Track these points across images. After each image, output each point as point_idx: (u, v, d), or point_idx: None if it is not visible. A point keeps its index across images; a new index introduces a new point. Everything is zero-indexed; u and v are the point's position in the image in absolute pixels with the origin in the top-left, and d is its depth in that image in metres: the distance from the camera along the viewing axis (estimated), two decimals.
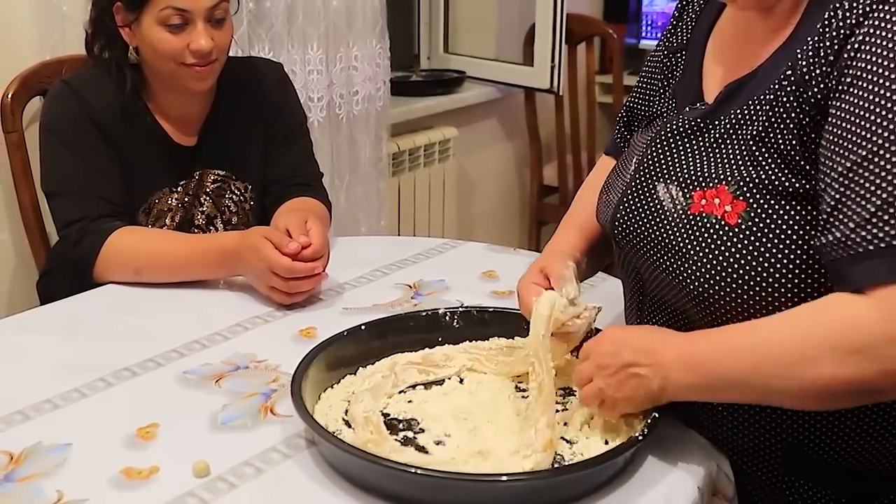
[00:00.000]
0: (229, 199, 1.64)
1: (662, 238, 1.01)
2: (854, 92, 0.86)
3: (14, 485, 0.94)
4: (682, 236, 0.98)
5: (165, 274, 1.44)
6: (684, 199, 0.99)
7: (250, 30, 2.11)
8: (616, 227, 1.09)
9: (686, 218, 0.98)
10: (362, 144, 2.45)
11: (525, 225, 3.37)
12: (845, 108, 0.87)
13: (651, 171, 1.05)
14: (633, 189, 1.07)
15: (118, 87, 1.52)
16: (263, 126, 1.65)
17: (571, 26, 2.94)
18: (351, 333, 1.15)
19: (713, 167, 0.98)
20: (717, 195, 0.96)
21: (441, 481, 0.88)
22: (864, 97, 0.85)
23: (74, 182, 1.49)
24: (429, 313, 1.21)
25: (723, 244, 0.94)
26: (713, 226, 0.95)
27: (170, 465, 0.97)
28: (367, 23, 2.37)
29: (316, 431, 0.94)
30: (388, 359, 1.15)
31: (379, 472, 0.90)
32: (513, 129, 3.24)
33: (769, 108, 0.94)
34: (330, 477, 0.95)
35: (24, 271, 1.85)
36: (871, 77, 0.85)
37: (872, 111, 0.84)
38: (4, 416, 1.06)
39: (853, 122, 0.86)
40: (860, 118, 0.85)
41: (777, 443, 1.00)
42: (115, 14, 1.49)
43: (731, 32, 1.08)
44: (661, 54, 1.18)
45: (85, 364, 1.18)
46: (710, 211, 0.96)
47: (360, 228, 2.50)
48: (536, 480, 0.90)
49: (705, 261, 0.95)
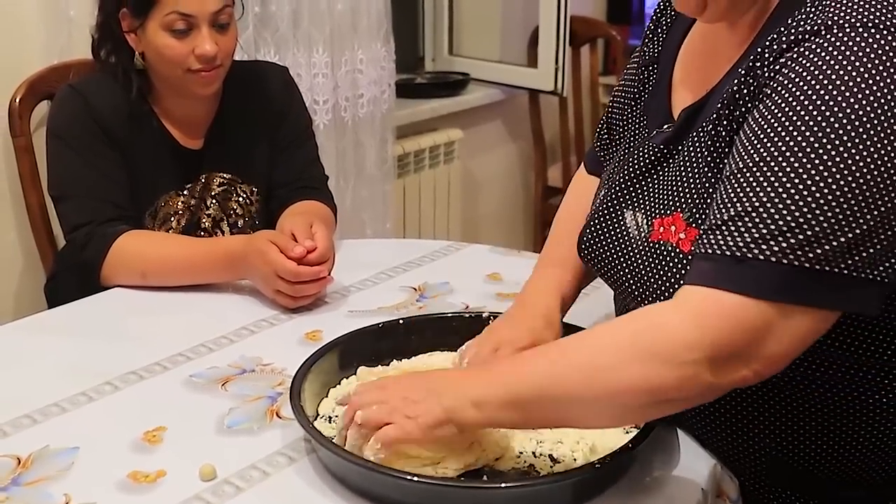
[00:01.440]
0: (235, 202, 1.64)
1: (627, 264, 1.01)
2: (761, 108, 0.85)
3: (22, 489, 0.95)
4: (643, 263, 0.98)
5: (172, 277, 1.44)
6: (647, 227, 1.00)
7: (256, 33, 2.11)
8: (582, 251, 1.09)
9: (647, 245, 0.99)
10: (367, 147, 2.46)
11: (529, 226, 3.37)
12: (750, 120, 0.86)
13: (619, 198, 1.05)
14: (602, 214, 1.07)
15: (124, 91, 1.52)
16: (269, 129, 1.66)
17: (575, 28, 2.94)
18: (387, 327, 1.17)
19: (672, 195, 0.98)
20: (673, 222, 0.96)
21: (440, 489, 0.88)
22: (765, 115, 0.84)
23: (81, 186, 1.49)
24: (473, 315, 1.21)
25: (678, 271, 0.93)
26: (669, 253, 0.95)
27: (176, 469, 0.97)
28: (371, 26, 2.38)
29: (314, 438, 0.94)
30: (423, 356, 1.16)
31: (377, 479, 0.89)
32: (517, 130, 3.25)
33: (712, 131, 0.93)
34: (336, 480, 0.95)
35: (32, 275, 1.86)
36: (779, 99, 0.83)
37: (765, 129, 0.83)
38: (12, 420, 1.07)
39: (749, 134, 0.85)
40: (756, 132, 0.84)
41: (761, 455, 1.00)
42: (121, 20, 1.50)
43: (699, 47, 1.06)
44: (636, 66, 1.15)
45: (92, 367, 1.19)
46: (667, 238, 0.96)
47: (366, 230, 2.51)
48: (538, 486, 0.90)
49: (663, 288, 0.95)
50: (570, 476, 0.91)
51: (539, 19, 2.90)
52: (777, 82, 0.85)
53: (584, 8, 3.23)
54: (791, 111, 0.82)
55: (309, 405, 1.02)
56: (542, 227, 3.29)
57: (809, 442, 0.97)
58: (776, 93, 0.84)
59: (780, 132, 0.82)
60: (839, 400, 0.95)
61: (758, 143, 0.83)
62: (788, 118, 0.82)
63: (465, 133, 2.94)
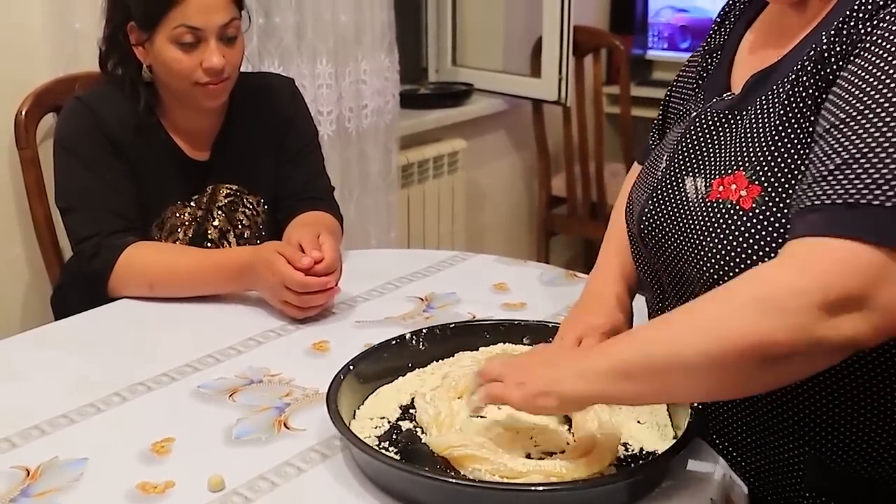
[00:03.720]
0: (242, 214, 1.65)
1: (684, 229, 1.00)
2: (858, 62, 0.86)
3: (31, 500, 0.95)
4: (700, 224, 0.97)
5: (179, 288, 1.45)
6: (705, 189, 0.99)
7: (260, 45, 2.12)
8: (643, 224, 1.08)
9: (704, 206, 0.98)
10: (372, 157, 2.47)
11: (534, 236, 3.37)
12: (846, 75, 0.87)
13: (680, 166, 1.05)
14: (663, 185, 1.06)
15: (132, 103, 1.53)
16: (276, 140, 1.66)
17: (578, 38, 2.95)
18: (430, 332, 1.17)
19: (734, 156, 0.98)
20: (734, 181, 0.95)
21: (476, 491, 0.88)
22: (866, 67, 0.85)
23: (88, 198, 1.50)
24: (508, 324, 1.20)
25: (736, 229, 0.93)
26: (728, 211, 0.94)
27: (185, 480, 0.97)
28: (375, 37, 2.39)
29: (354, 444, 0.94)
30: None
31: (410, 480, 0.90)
32: (521, 140, 3.25)
33: (790, 90, 0.94)
34: (345, 490, 0.95)
35: (38, 286, 1.87)
36: (880, 50, 0.84)
37: (868, 79, 0.84)
38: (20, 432, 1.07)
39: (847, 88, 0.85)
40: (854, 85, 0.85)
41: (799, 456, 0.98)
42: (129, 32, 1.50)
43: (766, 28, 1.08)
44: (699, 57, 1.17)
45: (100, 379, 1.19)
46: (727, 196, 0.95)
47: (370, 241, 2.51)
48: (576, 490, 0.89)
49: (720, 246, 0.94)
50: (609, 480, 0.92)
51: (542, 29, 2.90)
52: (876, 35, 0.85)
53: (587, 17, 3.24)
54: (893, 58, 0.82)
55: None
56: (546, 237, 3.30)
57: (856, 433, 0.95)
58: (876, 45, 0.85)
59: (885, 80, 0.82)
60: (886, 395, 0.93)
61: (860, 94, 0.83)
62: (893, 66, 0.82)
63: (469, 143, 2.94)
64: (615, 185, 3.12)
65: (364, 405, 1.08)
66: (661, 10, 3.52)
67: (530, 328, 1.19)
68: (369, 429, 1.03)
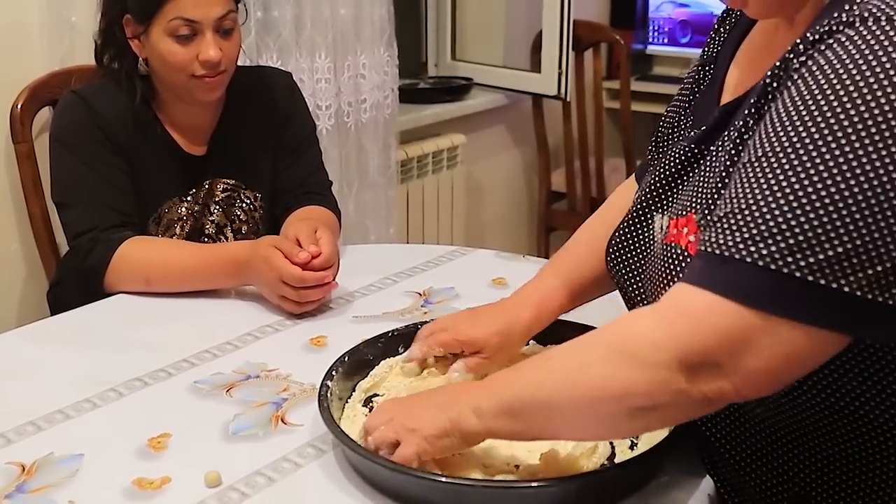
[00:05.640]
0: (239, 208, 1.64)
1: (644, 268, 0.98)
2: (777, 101, 0.79)
3: (26, 496, 0.94)
4: (657, 266, 0.94)
5: (176, 283, 1.44)
6: (664, 229, 0.96)
7: (258, 39, 2.11)
8: (608, 256, 1.06)
9: (662, 248, 0.95)
10: (370, 152, 2.46)
11: (534, 231, 3.37)
12: (769, 112, 0.79)
13: (649, 201, 1.01)
14: (631, 219, 1.03)
15: (128, 97, 1.52)
16: (273, 135, 1.65)
17: (578, 33, 2.94)
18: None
19: (691, 196, 0.93)
20: (686, 223, 0.91)
21: (464, 489, 0.88)
22: (780, 107, 0.77)
23: (85, 192, 1.49)
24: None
25: (680, 274, 0.88)
26: (677, 256, 0.90)
27: (182, 476, 0.97)
28: (374, 31, 2.38)
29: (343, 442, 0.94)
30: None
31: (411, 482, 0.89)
32: (520, 135, 3.25)
33: (742, 128, 0.86)
34: (342, 486, 0.95)
35: (34, 282, 1.86)
36: (794, 92, 0.77)
37: (777, 122, 0.77)
38: (16, 427, 1.06)
39: (761, 128, 0.79)
40: (766, 126, 0.78)
41: (784, 492, 0.93)
42: (125, 26, 1.49)
43: (756, 46, 1.00)
44: (696, 67, 1.10)
45: (96, 374, 1.18)
46: (678, 241, 0.91)
47: (369, 236, 2.50)
48: (564, 486, 0.89)
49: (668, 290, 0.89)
50: (600, 475, 0.92)
51: (542, 24, 2.89)
52: (798, 74, 0.77)
53: (587, 12, 3.23)
54: (802, 104, 0.75)
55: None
56: (546, 232, 3.29)
57: (843, 474, 0.89)
58: (794, 84, 0.77)
59: (786, 126, 0.75)
60: (870, 438, 0.86)
61: (765, 137, 0.77)
62: (798, 112, 0.75)
63: (469, 138, 2.93)
64: (615, 180, 3.11)
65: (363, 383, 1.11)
66: (662, 5, 3.52)
67: None
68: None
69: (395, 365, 1.15)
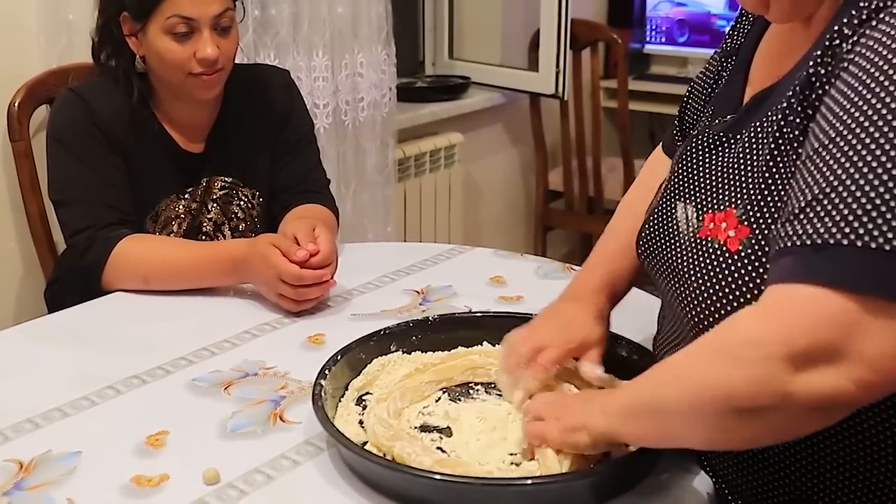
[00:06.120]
0: (237, 206, 1.64)
1: (674, 261, 0.96)
2: (837, 83, 0.78)
3: (24, 493, 0.94)
4: (689, 261, 0.92)
5: (174, 281, 1.44)
6: (696, 221, 0.94)
7: (256, 37, 2.11)
8: (639, 249, 1.04)
9: (694, 242, 0.93)
10: (368, 151, 2.46)
11: (531, 230, 3.37)
12: (827, 99, 0.78)
13: (674, 189, 1.00)
14: (658, 208, 1.02)
15: (125, 95, 1.52)
16: (271, 133, 1.65)
17: (576, 32, 2.94)
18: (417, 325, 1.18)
19: (727, 188, 0.92)
20: (724, 218, 0.89)
21: (461, 486, 0.87)
22: (843, 90, 0.76)
23: (82, 190, 1.49)
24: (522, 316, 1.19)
25: (721, 272, 0.87)
26: (715, 251, 0.88)
27: (180, 473, 0.97)
28: (372, 30, 2.38)
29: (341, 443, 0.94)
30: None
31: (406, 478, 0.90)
32: (518, 134, 3.25)
33: (781, 118, 0.86)
34: (340, 483, 0.95)
35: (32, 280, 1.86)
36: (857, 69, 0.76)
37: (843, 103, 0.75)
38: (14, 425, 1.06)
39: (826, 111, 0.78)
40: (830, 110, 0.77)
41: (783, 492, 0.93)
42: (122, 23, 1.49)
43: (777, 40, 0.99)
44: (718, 55, 1.10)
45: (94, 372, 1.18)
46: (715, 235, 0.89)
47: (367, 235, 2.50)
48: (561, 483, 0.88)
49: (704, 288, 0.88)
50: (594, 473, 0.91)
51: (540, 23, 2.90)
52: (855, 53, 0.77)
53: (584, 11, 3.23)
54: (869, 78, 0.74)
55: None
56: (543, 231, 3.29)
57: (843, 479, 0.89)
58: (854, 64, 0.76)
59: (857, 103, 0.73)
60: (870, 437, 0.86)
61: (834, 119, 0.75)
62: (867, 86, 0.73)
63: (466, 137, 2.93)
64: (612, 179, 3.11)
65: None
66: (659, 4, 3.52)
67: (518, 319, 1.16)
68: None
69: (389, 363, 1.14)
